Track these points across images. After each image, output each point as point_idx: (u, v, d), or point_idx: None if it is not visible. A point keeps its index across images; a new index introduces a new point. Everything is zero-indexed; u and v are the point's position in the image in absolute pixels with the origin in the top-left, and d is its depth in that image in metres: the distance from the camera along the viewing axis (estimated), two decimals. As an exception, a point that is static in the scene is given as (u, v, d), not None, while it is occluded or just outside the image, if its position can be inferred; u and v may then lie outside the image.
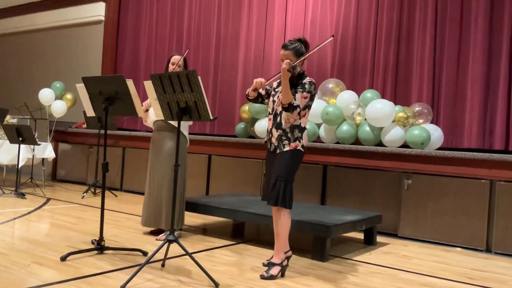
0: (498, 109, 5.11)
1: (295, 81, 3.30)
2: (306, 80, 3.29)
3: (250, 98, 3.49)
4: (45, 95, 7.50)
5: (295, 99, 3.21)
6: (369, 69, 5.98)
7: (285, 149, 3.28)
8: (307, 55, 3.30)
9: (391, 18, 5.84)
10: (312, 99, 3.33)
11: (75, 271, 3.10)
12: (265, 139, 3.47)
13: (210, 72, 7.36)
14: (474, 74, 5.26)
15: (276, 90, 3.41)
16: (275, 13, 6.76)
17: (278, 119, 3.31)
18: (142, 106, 4.22)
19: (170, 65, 4.30)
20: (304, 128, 3.33)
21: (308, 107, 3.33)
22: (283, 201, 3.22)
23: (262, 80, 3.34)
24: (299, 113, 3.28)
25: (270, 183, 3.29)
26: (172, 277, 3.13)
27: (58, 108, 7.57)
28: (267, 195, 3.34)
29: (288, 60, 3.18)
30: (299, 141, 3.29)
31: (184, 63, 4.31)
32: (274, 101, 3.38)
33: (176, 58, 4.30)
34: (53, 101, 7.58)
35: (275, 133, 3.33)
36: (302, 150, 3.31)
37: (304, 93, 3.24)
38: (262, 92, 3.52)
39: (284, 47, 3.31)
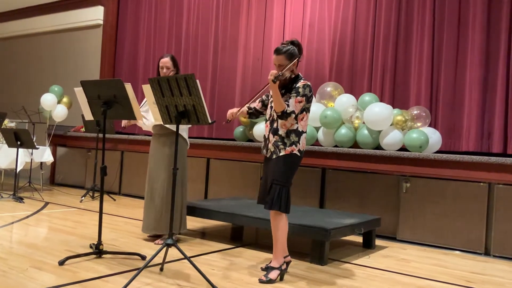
0: (496, 112, 5.11)
1: (289, 86, 3.27)
2: (300, 83, 3.24)
3: (244, 117, 3.55)
4: (48, 100, 7.47)
5: (288, 106, 3.18)
6: (367, 72, 5.99)
7: (281, 154, 3.25)
8: (283, 71, 3.20)
9: (389, 21, 5.85)
10: (308, 101, 3.27)
11: (73, 275, 3.10)
12: (262, 148, 3.43)
13: (209, 75, 7.36)
14: (472, 77, 5.27)
15: None
16: (273, 16, 6.77)
17: (275, 124, 3.29)
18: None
19: (160, 69, 4.24)
20: (302, 132, 3.29)
21: (305, 110, 3.28)
22: (278, 205, 3.20)
23: (233, 111, 3.42)
24: (296, 118, 3.24)
25: (267, 187, 3.28)
26: (171, 281, 3.13)
27: (60, 113, 7.56)
28: (262, 199, 3.34)
29: (273, 71, 3.13)
30: (296, 146, 3.26)
31: (172, 63, 4.23)
32: (271, 107, 3.35)
33: (164, 61, 4.23)
34: (56, 106, 7.56)
35: (272, 139, 3.31)
36: (299, 154, 3.28)
37: (298, 97, 3.20)
38: (258, 106, 3.53)
39: (276, 51, 3.26)
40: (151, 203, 4.26)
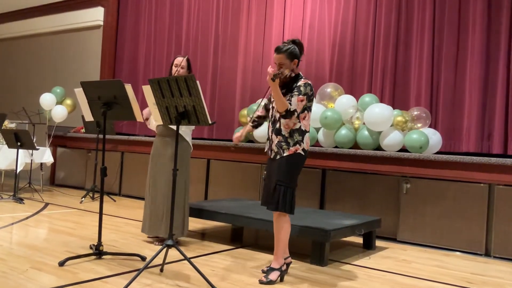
0: (496, 113, 5.11)
1: (290, 85, 3.27)
2: (301, 82, 3.25)
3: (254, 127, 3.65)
4: (46, 99, 7.49)
5: (291, 104, 3.18)
6: (368, 73, 5.99)
7: (284, 154, 3.23)
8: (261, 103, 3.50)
9: (389, 22, 5.85)
10: (310, 100, 3.27)
11: (73, 277, 3.09)
12: (265, 149, 3.42)
13: (209, 76, 7.36)
14: (472, 78, 5.27)
15: None
16: (273, 17, 6.77)
17: (277, 125, 3.28)
18: (142, 114, 4.20)
19: (173, 67, 4.29)
20: (305, 131, 3.27)
21: (307, 109, 3.28)
22: (284, 206, 3.20)
23: (238, 134, 3.63)
24: (298, 117, 3.24)
25: (271, 188, 3.27)
26: (171, 282, 3.12)
27: (59, 113, 7.56)
28: (266, 200, 3.32)
29: (269, 70, 3.12)
30: (300, 145, 3.24)
31: (187, 64, 4.30)
32: (273, 107, 3.34)
33: (179, 60, 4.28)
34: (54, 106, 7.57)
35: (275, 139, 3.29)
36: (303, 153, 3.26)
37: (300, 96, 3.20)
38: (262, 112, 3.59)
39: (277, 50, 3.28)
40: (152, 204, 4.22)
